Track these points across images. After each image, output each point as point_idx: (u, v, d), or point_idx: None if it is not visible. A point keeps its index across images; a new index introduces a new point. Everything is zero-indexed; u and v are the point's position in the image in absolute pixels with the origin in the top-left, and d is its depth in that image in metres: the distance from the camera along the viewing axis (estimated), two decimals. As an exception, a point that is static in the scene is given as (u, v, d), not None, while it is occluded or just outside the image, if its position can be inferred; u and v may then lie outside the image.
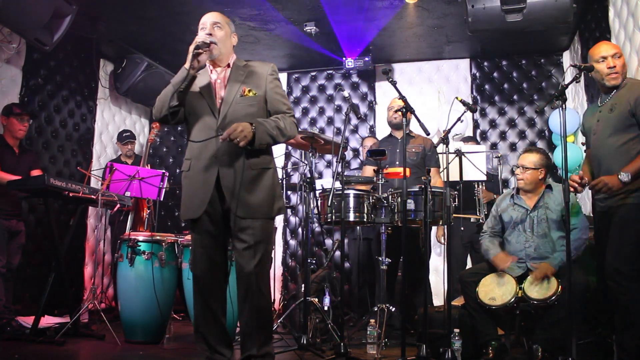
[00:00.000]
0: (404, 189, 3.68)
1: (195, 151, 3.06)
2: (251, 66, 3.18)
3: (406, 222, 3.84)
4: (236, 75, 3.12)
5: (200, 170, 3.02)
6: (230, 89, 3.08)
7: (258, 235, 2.98)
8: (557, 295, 3.69)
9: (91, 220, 6.77)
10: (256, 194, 3.01)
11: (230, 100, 3.05)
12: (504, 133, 6.93)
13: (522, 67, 6.97)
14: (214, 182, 2.98)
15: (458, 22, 5.92)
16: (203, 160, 3.02)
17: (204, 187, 3.00)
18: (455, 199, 4.25)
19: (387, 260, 4.30)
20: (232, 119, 2.99)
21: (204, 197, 2.99)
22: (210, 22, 3.13)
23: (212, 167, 2.99)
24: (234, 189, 2.96)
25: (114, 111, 7.34)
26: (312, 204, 4.49)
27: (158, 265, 4.43)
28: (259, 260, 2.97)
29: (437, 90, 7.11)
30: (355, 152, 7.31)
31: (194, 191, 3.04)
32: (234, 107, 3.03)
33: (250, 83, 3.10)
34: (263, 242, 3.00)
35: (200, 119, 3.05)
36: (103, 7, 5.70)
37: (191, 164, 3.07)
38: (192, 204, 3.03)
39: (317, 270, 5.44)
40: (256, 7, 5.67)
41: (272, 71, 3.18)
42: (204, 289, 3.06)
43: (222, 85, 3.11)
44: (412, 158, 5.02)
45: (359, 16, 5.88)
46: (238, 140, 2.83)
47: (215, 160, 2.99)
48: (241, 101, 3.05)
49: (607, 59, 3.52)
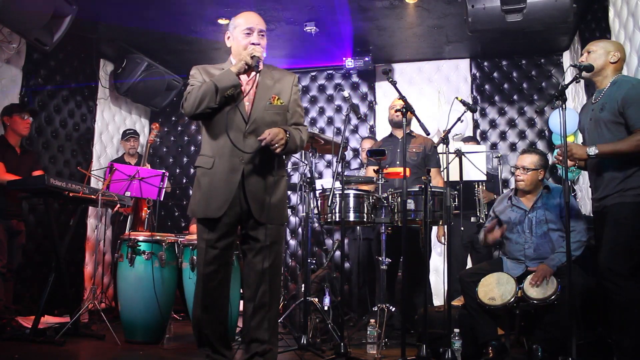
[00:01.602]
0: (404, 189, 3.69)
1: (221, 150, 3.03)
2: (277, 73, 3.21)
3: (406, 222, 3.84)
4: (266, 82, 3.13)
5: (225, 170, 3.01)
6: (260, 95, 3.09)
7: (273, 237, 3.05)
8: (556, 295, 3.69)
9: (91, 220, 6.78)
10: (274, 200, 3.06)
11: (260, 106, 3.07)
12: (504, 133, 6.94)
13: (522, 67, 6.98)
14: (237, 184, 2.99)
15: (458, 22, 5.93)
16: (228, 160, 3.01)
17: (228, 188, 2.99)
18: (455, 199, 4.25)
19: (387, 260, 4.30)
20: (260, 124, 3.03)
21: (227, 198, 2.98)
22: (259, 29, 3.10)
23: (237, 169, 3.00)
24: (257, 193, 3.01)
25: (114, 111, 7.34)
26: (312, 204, 4.49)
27: (158, 265, 4.43)
28: (273, 260, 3.04)
29: (437, 90, 7.11)
30: (356, 152, 7.32)
31: (216, 190, 3.01)
32: (263, 114, 3.06)
33: (278, 91, 3.14)
34: (277, 243, 3.09)
35: (228, 119, 3.01)
36: (103, 7, 5.69)
37: (215, 162, 3.04)
38: (213, 203, 3.00)
39: (317, 270, 5.45)
40: (256, 7, 5.67)
41: (296, 82, 3.24)
42: (209, 289, 3.05)
43: (252, 89, 3.10)
44: (413, 158, 5.02)
45: (359, 16, 5.89)
46: (277, 146, 2.90)
47: (241, 162, 3.00)
48: (270, 108, 3.08)
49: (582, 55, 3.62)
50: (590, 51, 3.57)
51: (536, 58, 6.92)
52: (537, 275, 3.82)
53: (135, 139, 6.73)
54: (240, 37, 3.09)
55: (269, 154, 3.00)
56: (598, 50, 3.55)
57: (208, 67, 3.17)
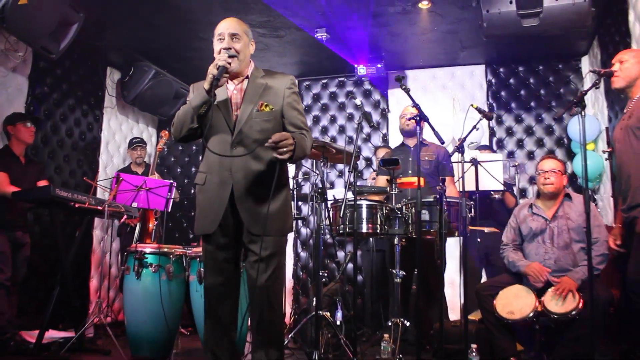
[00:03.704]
0: (418, 199, 3.66)
1: (211, 165, 3.04)
2: (269, 78, 3.13)
3: (420, 234, 3.80)
4: (253, 89, 3.08)
5: (215, 185, 3.01)
6: (246, 104, 3.04)
7: (271, 248, 2.97)
8: (578, 310, 3.63)
9: (97, 232, 6.79)
10: (272, 210, 2.98)
11: (246, 116, 3.02)
12: (521, 141, 6.89)
13: (540, 73, 6.94)
14: (227, 198, 2.97)
15: (473, 27, 5.90)
16: (218, 174, 3.01)
17: (219, 202, 2.99)
18: (471, 209, 4.21)
19: (401, 273, 4.26)
20: (247, 134, 2.99)
21: (218, 212, 2.98)
22: (228, 33, 3.02)
23: (227, 182, 2.98)
24: (249, 204, 2.97)
25: (121, 120, 7.37)
26: (323, 215, 4.47)
27: (165, 278, 4.42)
28: (270, 274, 2.96)
29: (451, 98, 7.08)
30: (368, 162, 7.29)
31: (208, 206, 3.03)
32: (250, 123, 3.01)
33: (267, 97, 3.06)
34: (276, 255, 3.00)
35: (217, 133, 3.03)
36: (110, 15, 5.74)
37: (207, 178, 3.05)
38: (206, 219, 3.02)
39: (329, 283, 5.41)
40: (266, 13, 5.68)
41: (291, 84, 3.12)
42: (215, 303, 3.04)
43: (240, 98, 3.07)
44: (426, 167, 4.98)
45: (371, 22, 5.88)
46: (285, 151, 2.77)
47: (230, 175, 2.98)
48: (257, 116, 3.02)
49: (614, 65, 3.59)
50: (622, 60, 3.53)
51: (554, 63, 6.87)
52: (560, 288, 3.76)
53: (142, 148, 6.75)
54: (216, 45, 3.05)
55: (262, 163, 2.97)
56: (630, 60, 3.52)
57: (203, 82, 3.09)
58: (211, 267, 3.05)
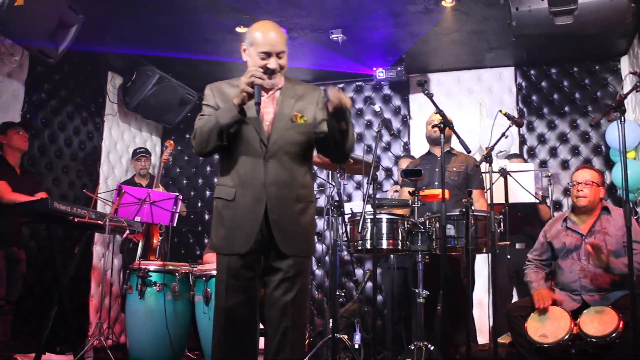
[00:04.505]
0: (443, 213, 3.67)
1: (242, 179, 3.03)
2: (300, 88, 3.18)
3: (446, 250, 3.81)
4: (287, 99, 3.11)
5: (248, 201, 3.00)
6: (280, 114, 3.07)
7: (297, 268, 3.02)
8: (618, 332, 3.62)
9: (97, 248, 6.85)
10: (300, 229, 3.06)
11: (281, 125, 3.05)
12: (555, 149, 6.87)
13: (574, 75, 6.92)
14: (262, 215, 2.98)
15: (501, 27, 5.91)
16: (251, 189, 3.01)
17: (252, 220, 2.99)
18: (500, 223, 4.21)
19: (425, 292, 4.26)
20: (281, 145, 3.02)
21: (252, 231, 2.98)
22: (276, 51, 3.01)
23: (261, 199, 2.99)
24: (282, 221, 3.00)
25: (123, 128, 7.46)
26: (340, 230, 4.49)
27: (171, 297, 4.46)
28: (296, 293, 3.00)
29: (478, 103, 7.09)
30: (388, 172, 7.31)
31: (240, 223, 3.02)
32: (284, 134, 3.04)
33: (300, 108, 3.10)
34: (302, 275, 3.04)
35: (246, 145, 3.03)
36: (112, 16, 5.80)
37: (236, 192, 3.03)
38: (238, 238, 3.00)
39: (347, 303, 5.42)
40: (278, 13, 5.73)
41: (322, 97, 3.18)
42: (233, 325, 3.01)
43: (270, 106, 3.09)
44: (453, 178, 4.97)
45: (390, 22, 5.92)
46: (345, 108, 2.87)
47: (264, 190, 2.99)
48: (292, 127, 3.05)
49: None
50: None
51: (590, 64, 6.85)
52: None
53: (146, 159, 6.82)
54: (257, 58, 3.02)
55: (296, 177, 3.02)
56: None
57: (223, 86, 3.14)
58: (233, 286, 3.00)
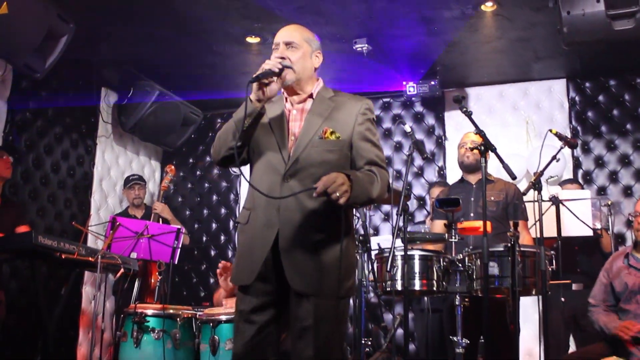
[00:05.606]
0: (484, 249, 3.62)
1: (256, 200, 2.97)
2: (339, 99, 3.11)
3: (488, 292, 3.76)
4: (318, 110, 3.04)
5: (260, 225, 2.94)
6: (307, 127, 2.99)
7: (321, 314, 2.82)
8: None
9: (87, 289, 6.86)
10: (327, 264, 2.88)
11: (306, 141, 2.96)
12: (615, 173, 6.81)
13: (637, 87, 6.89)
14: (271, 243, 2.88)
15: (550, 33, 5.90)
16: (264, 212, 2.94)
17: (260, 247, 2.91)
18: (552, 260, 4.15)
19: (465, 341, 4.21)
20: (305, 165, 2.92)
21: (258, 259, 2.89)
22: (283, 41, 3.04)
23: (273, 224, 2.90)
24: (297, 253, 2.87)
25: (118, 152, 7.51)
26: (366, 269, 4.46)
27: (171, 346, 4.44)
28: (317, 348, 2.80)
29: (524, 121, 7.07)
30: (421, 202, 7.27)
31: (248, 250, 2.97)
32: (309, 151, 2.94)
33: (334, 122, 3.00)
34: (326, 322, 2.84)
35: (266, 160, 2.99)
36: (106, 25, 5.87)
37: (250, 215, 2.99)
38: (246, 266, 2.94)
39: (374, 353, 5.36)
40: (294, 21, 5.67)
41: (366, 109, 3.07)
42: None
43: (299, 119, 3.04)
44: (491, 209, 4.92)
45: (422, 29, 5.93)
46: (338, 195, 2.64)
47: (277, 214, 2.90)
48: (319, 144, 2.95)
49: None
50: None
51: (654, 75, 6.84)
52: None
53: (140, 187, 6.84)
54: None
55: (320, 201, 2.84)
56: None
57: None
58: (246, 328, 2.91)
